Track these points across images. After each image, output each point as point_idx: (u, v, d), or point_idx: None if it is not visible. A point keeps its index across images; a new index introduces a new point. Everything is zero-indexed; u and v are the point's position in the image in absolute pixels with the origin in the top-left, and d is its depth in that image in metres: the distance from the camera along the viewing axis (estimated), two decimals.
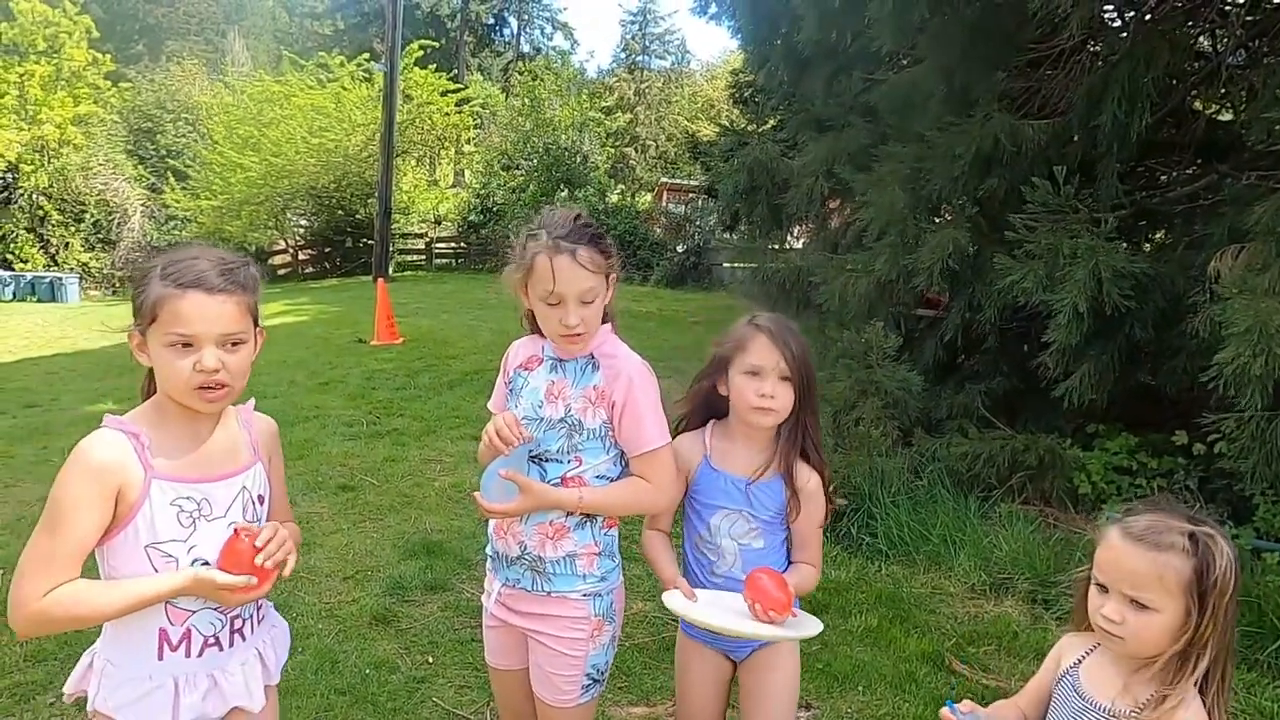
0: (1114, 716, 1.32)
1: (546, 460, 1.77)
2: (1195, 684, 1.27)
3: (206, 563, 1.41)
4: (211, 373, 1.36)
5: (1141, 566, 1.27)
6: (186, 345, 1.35)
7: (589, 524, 1.80)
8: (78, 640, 3.04)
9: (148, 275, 1.38)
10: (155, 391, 1.46)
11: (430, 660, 3.04)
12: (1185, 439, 4.10)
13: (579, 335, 1.71)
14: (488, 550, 1.92)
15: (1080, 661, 1.43)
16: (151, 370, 1.45)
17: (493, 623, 1.91)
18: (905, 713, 2.76)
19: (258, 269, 1.49)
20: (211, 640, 1.46)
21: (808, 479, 1.82)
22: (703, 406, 1.90)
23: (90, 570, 1.38)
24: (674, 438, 1.84)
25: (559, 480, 1.76)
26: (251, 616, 1.54)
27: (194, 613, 1.44)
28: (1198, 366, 3.39)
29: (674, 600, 1.76)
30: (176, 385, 1.38)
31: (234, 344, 1.40)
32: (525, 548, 1.78)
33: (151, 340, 1.38)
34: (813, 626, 1.72)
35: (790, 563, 1.87)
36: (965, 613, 3.54)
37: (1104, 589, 1.33)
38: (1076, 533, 4.05)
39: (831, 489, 1.89)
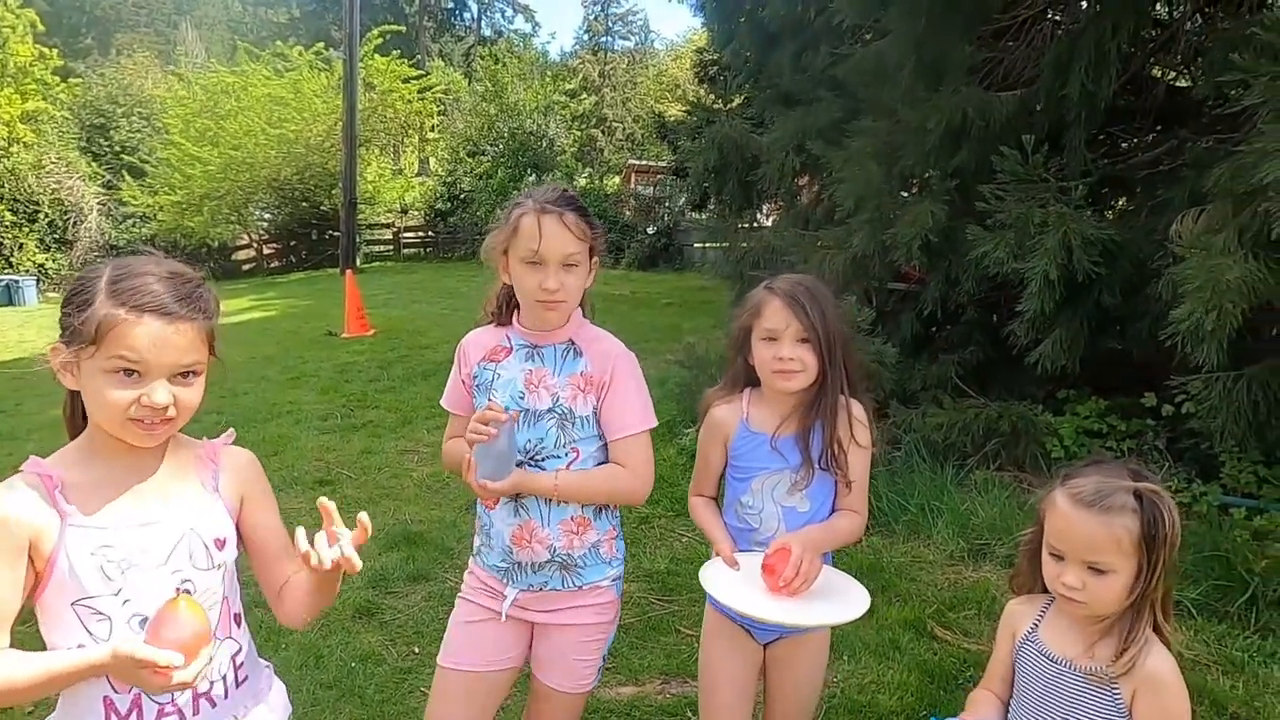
0: (1090, 673, 1.35)
1: (545, 459, 1.71)
2: (1151, 627, 1.33)
3: (146, 618, 1.21)
4: (160, 410, 1.18)
5: (1098, 533, 1.30)
6: (130, 374, 1.17)
7: (605, 510, 1.79)
8: None
9: (90, 290, 1.18)
10: (79, 412, 1.28)
11: (416, 651, 3.03)
12: (1154, 401, 4.19)
13: (558, 302, 1.66)
14: (494, 561, 1.79)
15: (1036, 626, 1.45)
16: (73, 394, 1.26)
17: (484, 617, 1.81)
18: (890, 680, 2.80)
19: (214, 289, 1.31)
20: (169, 709, 1.24)
21: (859, 421, 1.76)
22: (738, 379, 1.85)
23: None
24: (708, 410, 1.86)
25: None
26: (224, 678, 1.32)
27: None
28: (1162, 329, 3.45)
29: (711, 581, 1.68)
30: (111, 416, 1.19)
31: (186, 375, 1.22)
32: (555, 549, 1.73)
33: (86, 363, 1.18)
34: (856, 605, 1.63)
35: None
36: (945, 580, 3.59)
37: (1060, 557, 1.35)
38: None
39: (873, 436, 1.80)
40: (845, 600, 1.66)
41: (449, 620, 1.87)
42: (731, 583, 1.68)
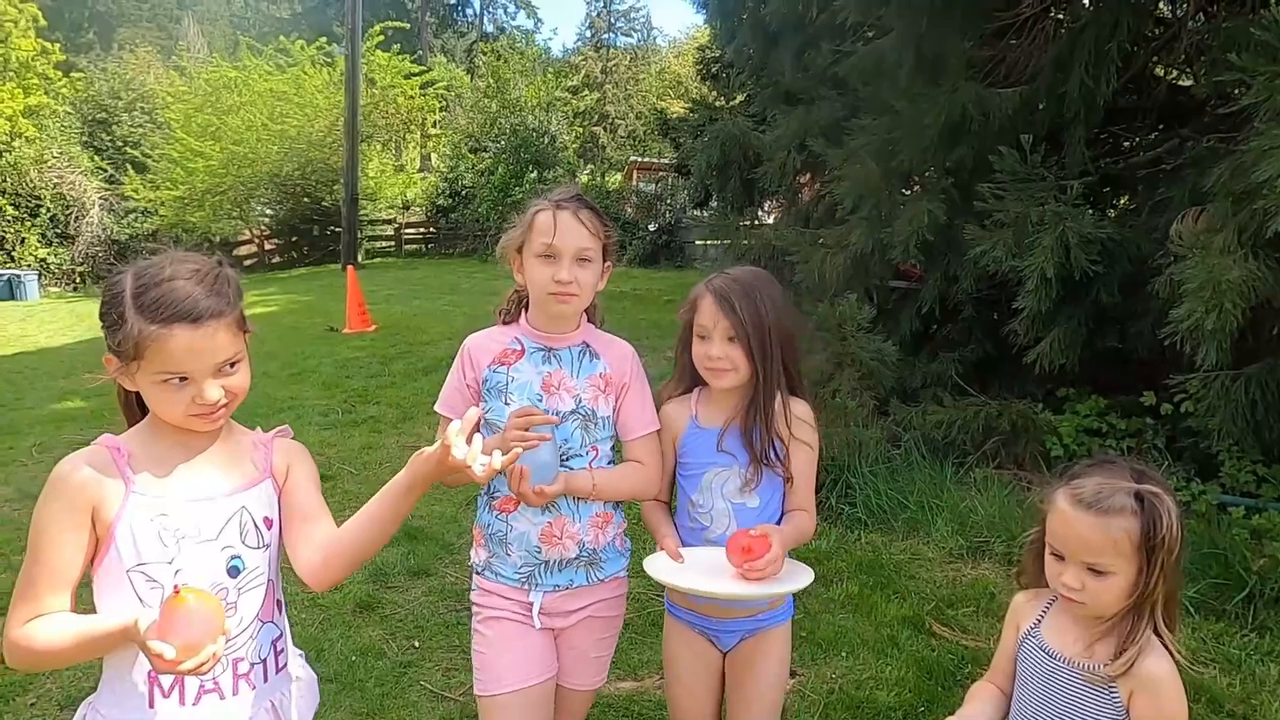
0: (1088, 672, 1.35)
1: (571, 457, 1.73)
2: (1152, 629, 1.33)
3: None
4: (214, 405, 1.26)
5: (1095, 535, 1.29)
6: (180, 380, 1.24)
7: (619, 504, 1.83)
8: None
9: (118, 303, 1.22)
10: (134, 404, 1.36)
11: (416, 645, 3.05)
12: (1153, 399, 4.19)
13: (570, 295, 1.67)
14: (512, 571, 1.75)
15: (1039, 621, 1.45)
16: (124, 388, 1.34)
17: (519, 631, 1.76)
18: (888, 676, 2.82)
19: (232, 267, 1.35)
20: (210, 686, 1.29)
21: (800, 418, 1.77)
22: (685, 374, 1.84)
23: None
24: (660, 407, 1.86)
25: None
26: (265, 662, 1.36)
27: None
28: (1162, 328, 3.46)
29: (653, 565, 1.68)
30: (171, 418, 1.28)
31: (231, 365, 1.28)
32: (583, 544, 1.75)
33: (138, 374, 1.24)
34: (800, 579, 1.64)
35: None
36: (944, 577, 3.60)
37: (1060, 556, 1.35)
38: None
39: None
40: (790, 576, 1.66)
41: (475, 649, 1.81)
42: (675, 569, 1.69)
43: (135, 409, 1.37)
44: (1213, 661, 2.89)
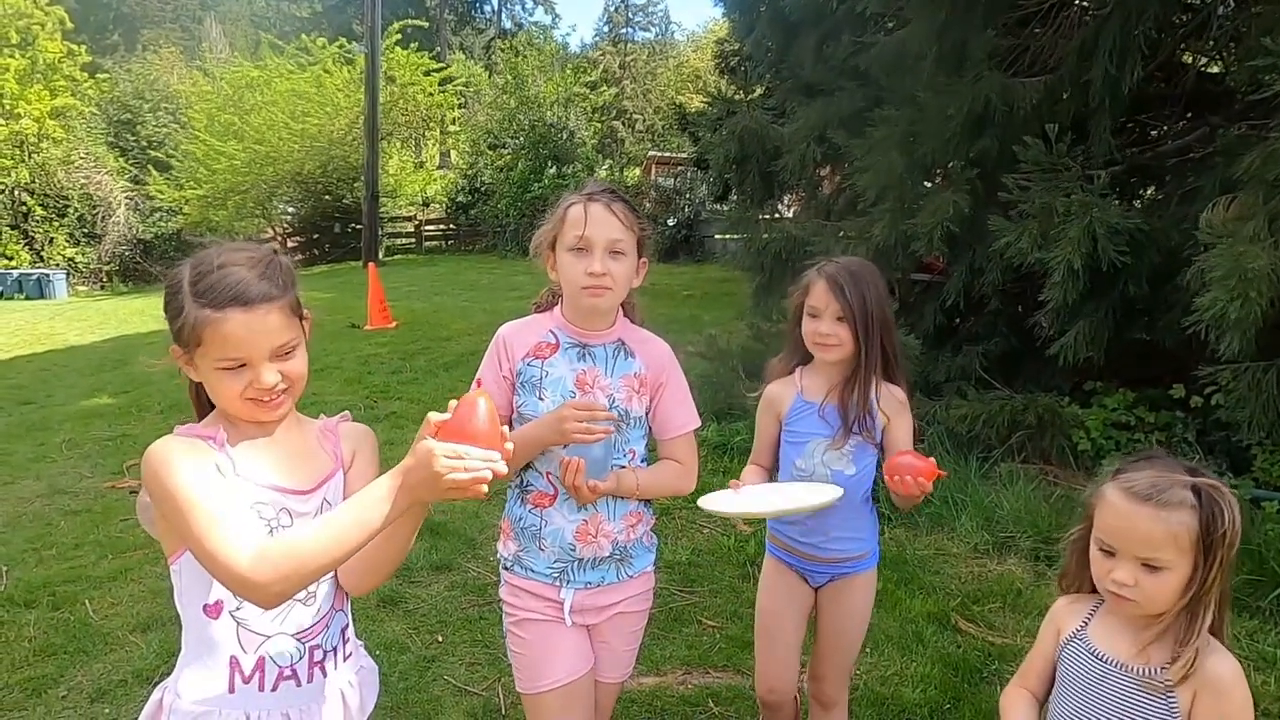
0: (1143, 676, 1.29)
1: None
2: (1207, 630, 1.27)
3: None
4: (271, 389, 1.27)
5: (1155, 528, 1.24)
6: (238, 365, 1.25)
7: (649, 501, 1.84)
8: (86, 635, 3.04)
9: (178, 292, 1.25)
10: (203, 397, 1.37)
11: (440, 639, 3.06)
12: (1182, 392, 4.12)
13: (604, 289, 1.64)
14: (544, 566, 1.75)
15: (1085, 625, 1.40)
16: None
17: (554, 630, 1.77)
18: (913, 672, 2.80)
19: (288, 257, 1.35)
20: (288, 673, 1.32)
21: (891, 395, 1.97)
22: (796, 348, 2.04)
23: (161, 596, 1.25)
24: (766, 384, 2.08)
25: None
26: (335, 649, 1.40)
27: (268, 638, 1.31)
28: (1186, 319, 3.39)
29: (706, 498, 1.86)
30: (228, 402, 1.28)
31: (287, 351, 1.29)
32: (616, 542, 1.76)
33: (200, 361, 1.26)
34: (830, 491, 1.82)
35: None
36: (969, 572, 3.57)
37: (1110, 552, 1.30)
38: (1077, 489, 4.08)
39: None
40: (819, 494, 1.86)
41: (513, 650, 1.81)
42: (724, 499, 1.88)
43: (205, 402, 1.38)
44: (1246, 659, 2.83)
